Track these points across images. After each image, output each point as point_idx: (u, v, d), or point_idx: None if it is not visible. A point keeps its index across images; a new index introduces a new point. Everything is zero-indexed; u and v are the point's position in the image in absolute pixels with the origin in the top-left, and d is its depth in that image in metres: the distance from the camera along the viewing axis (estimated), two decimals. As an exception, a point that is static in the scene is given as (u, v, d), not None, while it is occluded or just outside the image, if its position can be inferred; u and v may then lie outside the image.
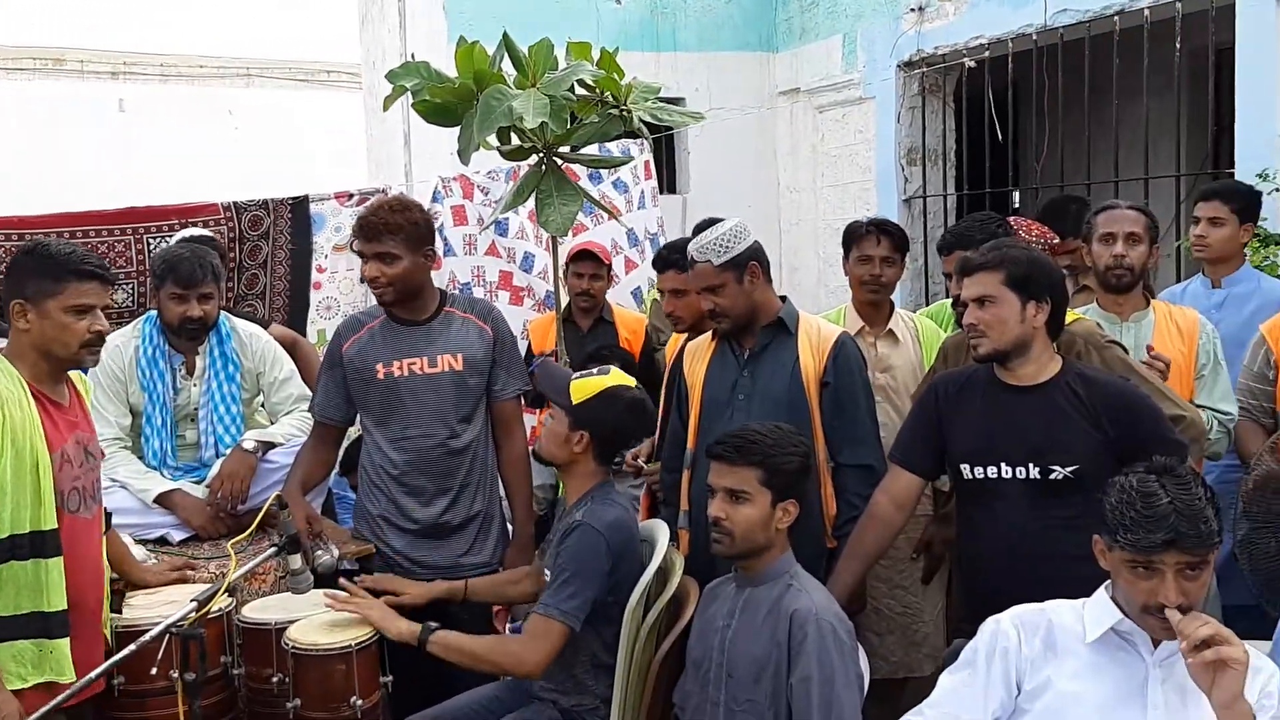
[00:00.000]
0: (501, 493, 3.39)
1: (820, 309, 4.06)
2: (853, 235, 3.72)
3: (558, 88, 3.34)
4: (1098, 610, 2.17)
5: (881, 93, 6.59)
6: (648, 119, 3.54)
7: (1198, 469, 3.11)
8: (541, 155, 3.55)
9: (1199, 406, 3.23)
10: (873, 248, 3.64)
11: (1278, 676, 2.14)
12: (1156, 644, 2.12)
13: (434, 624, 2.71)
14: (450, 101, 3.40)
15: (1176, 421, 2.74)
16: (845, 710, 2.37)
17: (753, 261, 3.13)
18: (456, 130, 3.39)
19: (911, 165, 6.62)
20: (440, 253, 4.77)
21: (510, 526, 3.40)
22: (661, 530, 2.91)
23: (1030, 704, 2.16)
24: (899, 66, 6.46)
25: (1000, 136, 5.98)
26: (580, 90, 3.49)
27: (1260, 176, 4.53)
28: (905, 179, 6.62)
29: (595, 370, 2.88)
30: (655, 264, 4.08)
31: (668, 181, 7.24)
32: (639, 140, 3.77)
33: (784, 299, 3.27)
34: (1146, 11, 5.18)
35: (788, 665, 2.44)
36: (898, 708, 2.36)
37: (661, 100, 3.72)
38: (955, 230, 3.50)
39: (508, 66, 3.42)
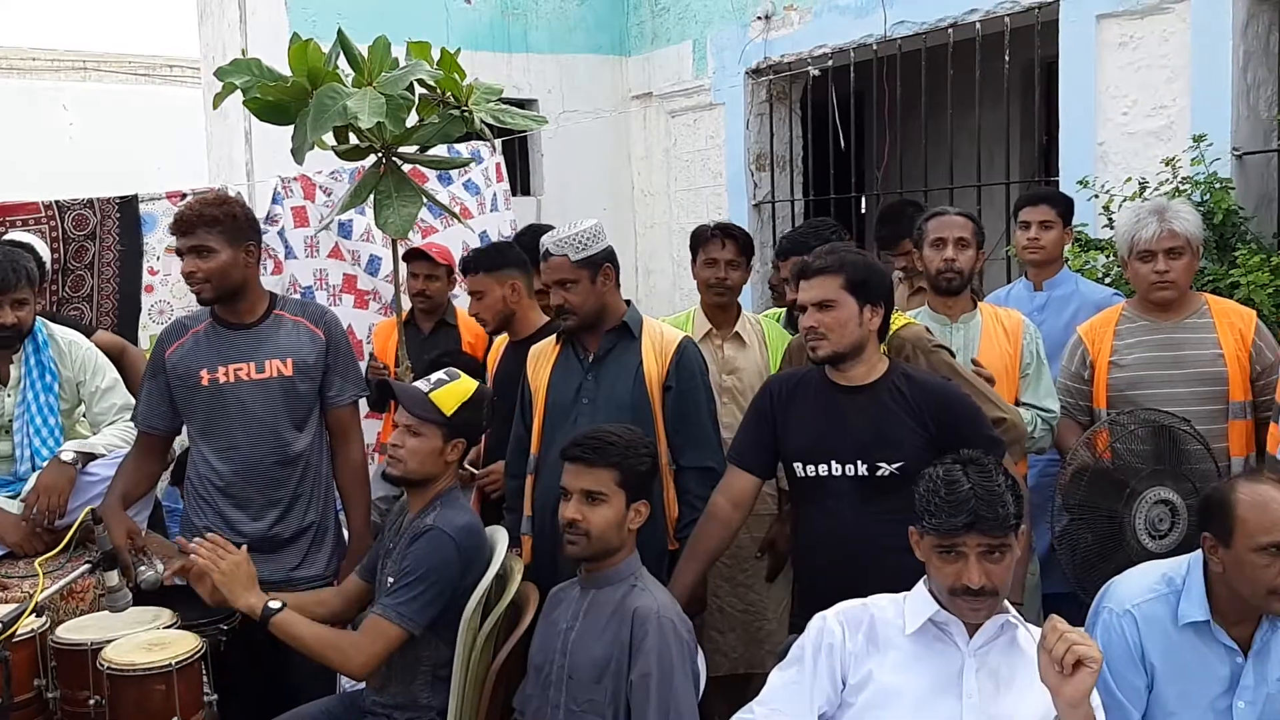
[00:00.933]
0: (338, 503, 3.30)
1: (675, 312, 4.09)
2: (699, 239, 3.76)
3: (395, 87, 3.28)
4: (917, 603, 2.24)
5: (731, 99, 6.68)
6: (490, 120, 3.51)
7: (1021, 468, 3.26)
8: (380, 156, 3.48)
9: (1024, 404, 3.37)
10: (718, 251, 3.69)
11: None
12: (972, 633, 2.20)
13: (279, 602, 2.63)
14: (283, 100, 3.30)
15: (998, 423, 2.84)
16: (682, 706, 2.40)
17: (607, 263, 3.17)
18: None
19: (761, 171, 6.74)
20: (281, 255, 4.64)
21: (347, 537, 3.32)
22: (500, 536, 2.88)
23: (854, 697, 2.22)
24: (747, 73, 6.56)
25: (845, 144, 6.13)
26: (421, 90, 3.44)
27: (1081, 184, 4.75)
28: (755, 184, 6.73)
29: (445, 376, 2.84)
30: (461, 266, 4.02)
31: (522, 184, 7.19)
32: (488, 142, 3.72)
33: (629, 303, 3.29)
34: (978, 25, 5.39)
35: (628, 663, 2.44)
36: (743, 704, 2.37)
37: (508, 102, 3.69)
38: (791, 236, 3.58)
39: (345, 65, 3.35)
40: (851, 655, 2.24)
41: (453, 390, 2.78)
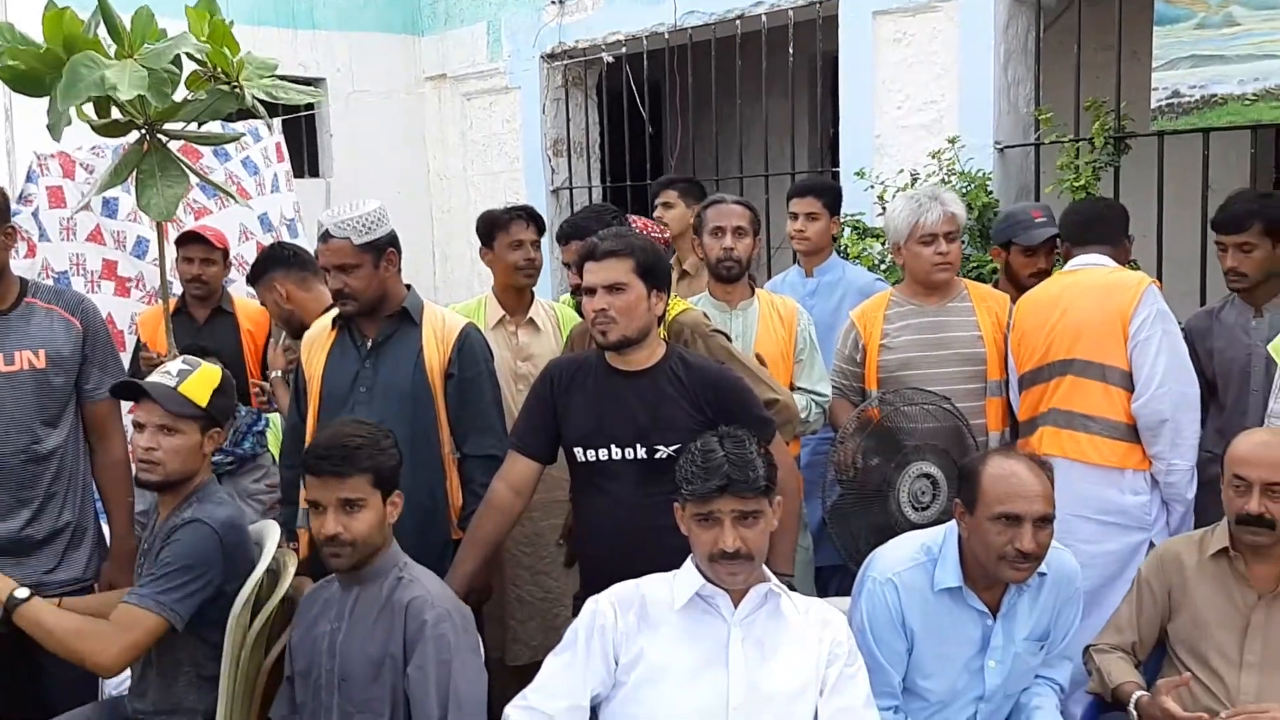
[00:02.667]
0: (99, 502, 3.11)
1: (474, 297, 4.01)
2: (499, 221, 3.68)
3: (159, 59, 3.09)
4: (685, 578, 2.30)
5: (526, 83, 6.65)
6: (263, 96, 3.36)
7: (794, 449, 3.39)
8: (143, 132, 3.29)
9: (799, 389, 3.50)
10: (523, 232, 3.65)
11: (846, 627, 2.35)
12: (737, 604, 2.27)
13: (25, 591, 2.45)
14: (38, 69, 3.07)
15: (770, 405, 2.93)
16: (464, 696, 2.36)
17: (390, 248, 3.10)
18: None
19: (558, 156, 6.73)
20: (34, 238, 4.33)
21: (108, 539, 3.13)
22: (271, 530, 2.78)
23: (626, 676, 2.26)
24: (542, 58, 6.54)
25: (641, 130, 6.20)
26: (192, 65, 3.26)
27: (858, 174, 4.96)
28: (552, 170, 6.72)
29: (185, 366, 2.69)
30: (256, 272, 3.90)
31: (310, 165, 6.95)
32: (266, 121, 3.56)
33: (409, 288, 3.22)
34: (763, 18, 5.54)
35: (404, 658, 2.39)
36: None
37: (296, 80, 3.54)
38: (572, 220, 3.57)
39: (107, 36, 3.14)
40: (623, 635, 2.27)
41: (202, 379, 2.65)
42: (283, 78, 3.42)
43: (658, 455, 2.67)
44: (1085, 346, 3.24)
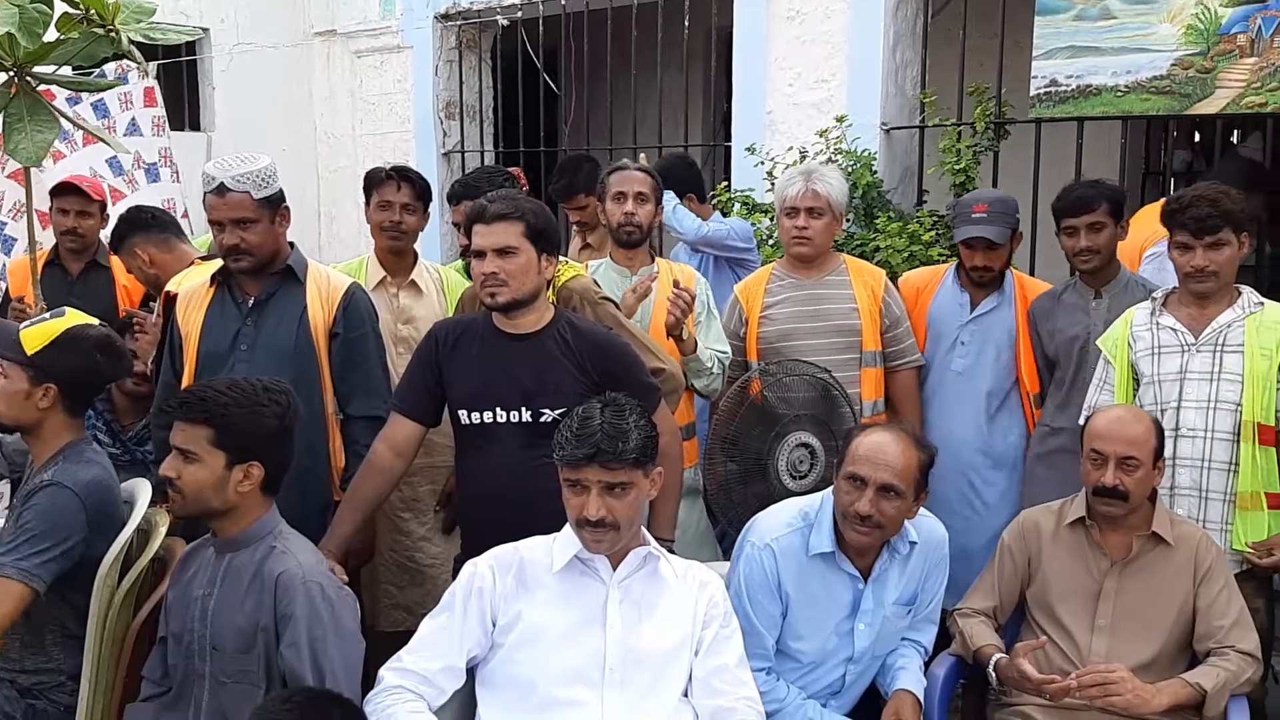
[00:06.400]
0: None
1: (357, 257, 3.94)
2: (373, 181, 3.64)
3: (29, -2, 2.96)
4: (564, 541, 2.32)
5: (419, 43, 6.53)
6: (139, 39, 3.23)
7: (684, 417, 3.43)
8: (11, 74, 3.13)
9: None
10: (393, 194, 3.59)
11: (722, 590, 2.40)
12: (616, 565, 2.30)
13: None
14: (-102, 2, 2.90)
15: (657, 373, 2.95)
16: (339, 669, 2.29)
17: (284, 204, 3.05)
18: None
19: (450, 119, 6.64)
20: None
21: None
22: (143, 489, 2.70)
23: (504, 638, 2.27)
24: (436, 18, 6.43)
25: (536, 97, 6.15)
26: (64, 6, 3.12)
27: (750, 150, 5.02)
28: (444, 133, 6.63)
29: (49, 315, 2.60)
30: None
31: (190, 118, 6.72)
32: (138, 66, 3.43)
33: (292, 245, 3.15)
34: (661, -11, 5.54)
35: (276, 631, 2.33)
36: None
37: (167, 26, 3.41)
38: (464, 181, 3.55)
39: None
40: (502, 597, 2.29)
41: (44, 329, 2.56)
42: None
43: (543, 419, 2.67)
44: None
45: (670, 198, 3.63)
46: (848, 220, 4.40)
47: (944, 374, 3.63)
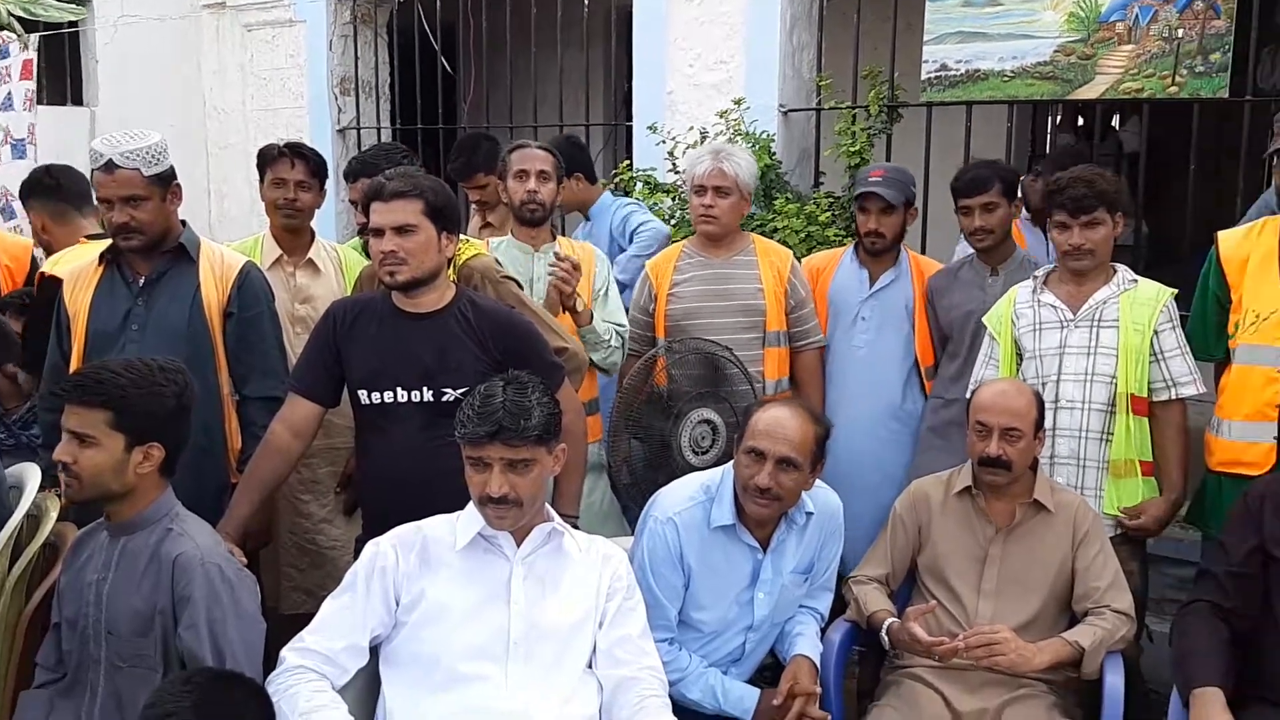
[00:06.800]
0: None
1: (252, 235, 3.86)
2: (266, 158, 3.57)
3: (-102, -38, 2.84)
4: (467, 519, 2.33)
5: (312, 17, 6.39)
6: (19, 12, 3.13)
7: (588, 393, 3.46)
8: (-120, 42, 3.01)
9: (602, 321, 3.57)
10: (286, 171, 3.53)
11: (626, 563, 2.45)
12: (520, 542, 2.33)
13: None
14: None
15: (560, 352, 2.98)
16: (239, 651, 2.27)
17: (176, 181, 2.99)
18: None
19: (345, 95, 6.52)
20: None
21: None
22: (31, 474, 2.63)
23: (407, 616, 2.28)
24: (331, -8, 6.31)
25: (433, 73, 6.08)
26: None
27: (650, 129, 5.06)
28: (339, 109, 6.51)
29: None
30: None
31: (72, 92, 6.48)
32: (21, 37, 3.31)
33: (184, 223, 3.09)
34: (560, -33, 5.52)
35: (174, 614, 2.30)
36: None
37: (49, 2, 3.30)
38: (361, 158, 3.51)
39: None
40: (405, 576, 2.29)
41: None
42: (43, -4, 3.20)
43: (444, 398, 2.67)
44: None
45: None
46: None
47: (846, 351, 3.71)
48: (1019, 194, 3.63)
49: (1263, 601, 2.54)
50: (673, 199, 4.82)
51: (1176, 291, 3.17)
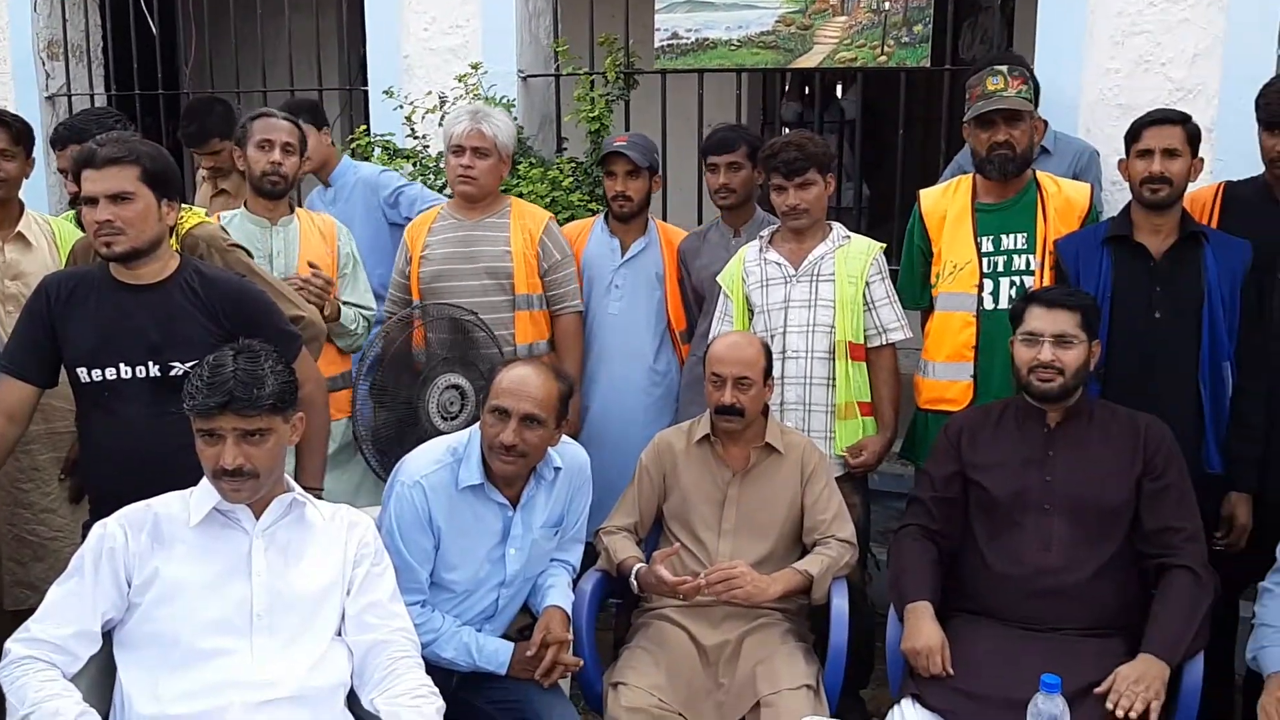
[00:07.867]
0: None
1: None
2: None
3: None
4: (201, 494, 2.27)
5: (13, -27, 5.88)
6: None
7: (335, 368, 3.41)
8: None
9: (345, 303, 3.51)
10: None
11: (373, 528, 2.44)
12: (259, 514, 2.28)
13: None
14: None
15: (296, 321, 2.92)
16: None
17: None
18: None
19: (54, 60, 6.04)
20: None
21: None
22: None
23: (141, 596, 2.20)
24: (31, -54, 5.81)
25: (150, 37, 5.72)
26: None
27: (387, 94, 4.97)
28: (48, 74, 6.03)
29: None
30: None
31: None
32: None
33: None
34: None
35: None
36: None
37: None
38: (69, 123, 3.29)
39: None
40: (136, 556, 2.20)
41: None
42: None
43: (173, 373, 2.57)
44: None
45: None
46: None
47: (602, 317, 3.79)
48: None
49: (964, 522, 2.83)
50: (413, 164, 4.76)
51: (885, 245, 3.45)
